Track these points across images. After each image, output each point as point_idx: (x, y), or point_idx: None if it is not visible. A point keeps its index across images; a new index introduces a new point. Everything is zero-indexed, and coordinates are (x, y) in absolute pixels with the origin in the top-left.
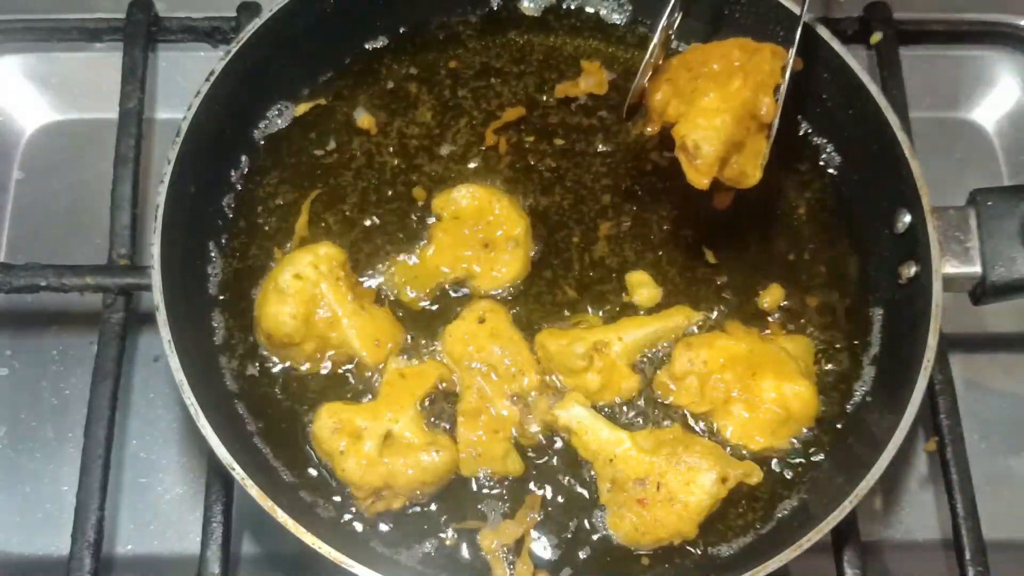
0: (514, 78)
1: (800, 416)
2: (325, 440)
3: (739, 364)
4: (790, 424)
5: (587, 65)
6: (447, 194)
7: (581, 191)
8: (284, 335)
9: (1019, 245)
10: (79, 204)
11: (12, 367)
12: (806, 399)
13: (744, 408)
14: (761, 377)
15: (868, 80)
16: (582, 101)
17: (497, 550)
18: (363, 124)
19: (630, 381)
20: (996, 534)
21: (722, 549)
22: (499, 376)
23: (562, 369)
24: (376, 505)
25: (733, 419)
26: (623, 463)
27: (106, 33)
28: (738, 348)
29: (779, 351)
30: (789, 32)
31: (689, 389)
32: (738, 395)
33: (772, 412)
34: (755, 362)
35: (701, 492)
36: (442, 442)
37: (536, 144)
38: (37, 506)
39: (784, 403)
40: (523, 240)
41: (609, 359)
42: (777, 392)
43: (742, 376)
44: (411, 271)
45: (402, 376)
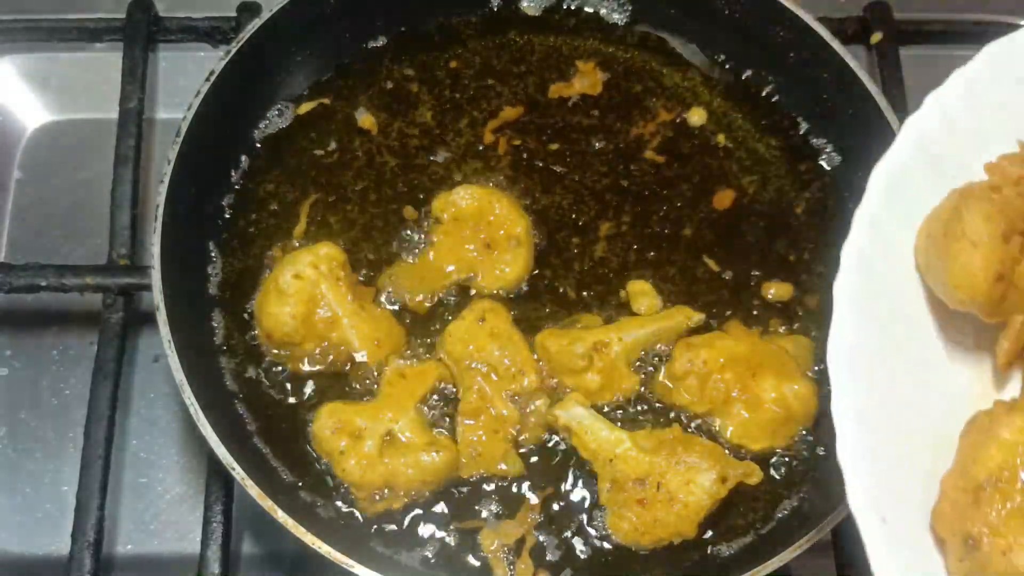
0: (514, 78)
1: (800, 415)
2: (325, 440)
3: (739, 364)
4: (790, 424)
5: (582, 66)
6: (446, 196)
7: (581, 191)
8: (284, 335)
9: None
10: (79, 204)
11: (12, 367)
12: (806, 399)
13: (744, 408)
14: (761, 377)
15: (868, 80)
16: (580, 101)
17: (498, 550)
18: (364, 124)
19: (630, 381)
20: None
21: (722, 549)
22: (499, 376)
23: (562, 369)
24: (377, 505)
25: (733, 419)
26: (623, 463)
27: (106, 33)
28: (738, 348)
29: (779, 351)
30: (788, 32)
31: (689, 389)
32: (738, 395)
33: (772, 412)
34: (755, 362)
35: (701, 492)
36: (442, 442)
37: (536, 144)
38: (37, 506)
39: (784, 403)
40: (524, 239)
41: (609, 359)
42: (777, 392)
43: (742, 376)
44: (414, 273)
45: (402, 376)
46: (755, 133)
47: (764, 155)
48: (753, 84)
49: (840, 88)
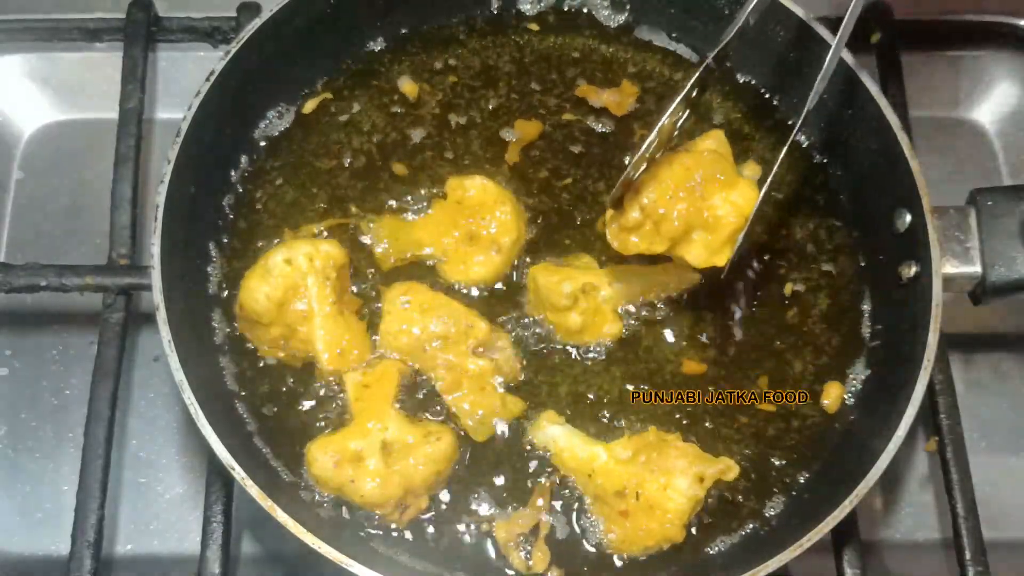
0: (514, 79)
1: (748, 212)
2: (331, 477)
3: (684, 190)
4: (741, 228)
5: (627, 85)
6: (462, 179)
7: (582, 191)
8: (254, 312)
9: (1019, 245)
10: (79, 204)
11: (12, 367)
12: (749, 194)
13: (704, 231)
14: (708, 194)
15: (868, 80)
16: (582, 101)
17: (512, 541)
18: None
19: (613, 326)
20: (996, 534)
21: (722, 549)
22: (454, 340)
23: (546, 304)
24: (406, 514)
25: (695, 245)
26: (602, 477)
27: (106, 33)
28: (677, 175)
29: (710, 156)
30: (788, 32)
31: (646, 235)
32: (694, 220)
33: (730, 224)
34: (698, 180)
35: (679, 496)
36: (435, 429)
37: (537, 144)
38: (37, 506)
39: (737, 210)
40: (506, 251)
41: (595, 301)
42: (727, 201)
43: (692, 201)
44: (394, 229)
45: (366, 387)
46: (754, 133)
47: (764, 155)
48: (752, 84)
49: (840, 88)
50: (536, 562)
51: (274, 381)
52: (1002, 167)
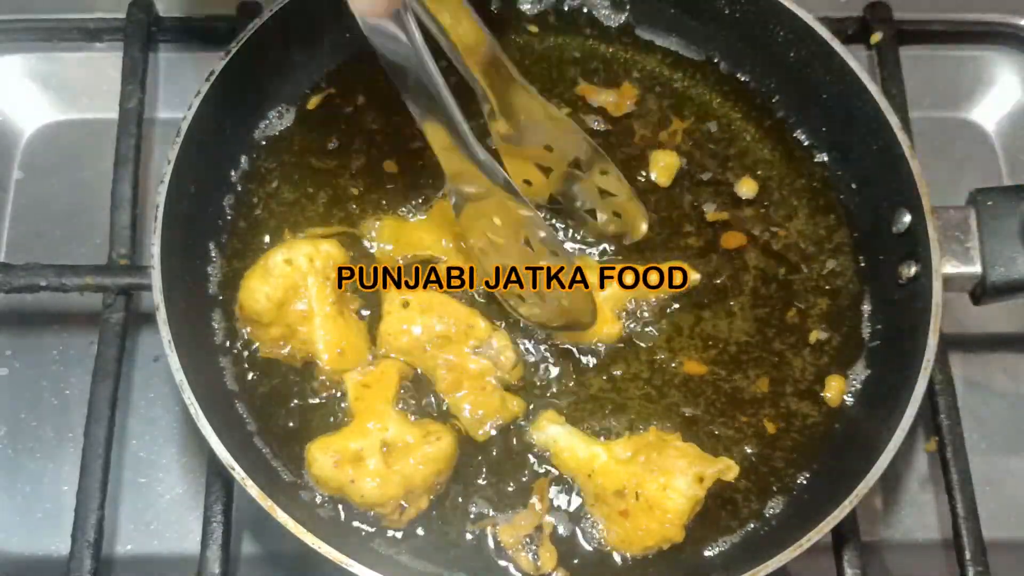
0: None
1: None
2: (331, 477)
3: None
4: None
5: (627, 87)
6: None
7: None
8: (253, 312)
9: (1019, 245)
10: (79, 204)
11: (12, 367)
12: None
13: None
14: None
15: (868, 80)
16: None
17: (517, 543)
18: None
19: (613, 326)
20: (996, 534)
21: (722, 549)
22: (454, 340)
23: None
24: (406, 514)
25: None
26: (602, 476)
27: (106, 33)
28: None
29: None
30: (788, 32)
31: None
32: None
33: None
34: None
35: (678, 496)
36: (435, 429)
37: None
38: (37, 506)
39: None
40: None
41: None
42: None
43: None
44: (395, 229)
45: (366, 386)
46: (754, 133)
47: (764, 155)
48: (752, 84)
49: (840, 88)
50: (544, 562)
51: (274, 381)
52: (1002, 167)
